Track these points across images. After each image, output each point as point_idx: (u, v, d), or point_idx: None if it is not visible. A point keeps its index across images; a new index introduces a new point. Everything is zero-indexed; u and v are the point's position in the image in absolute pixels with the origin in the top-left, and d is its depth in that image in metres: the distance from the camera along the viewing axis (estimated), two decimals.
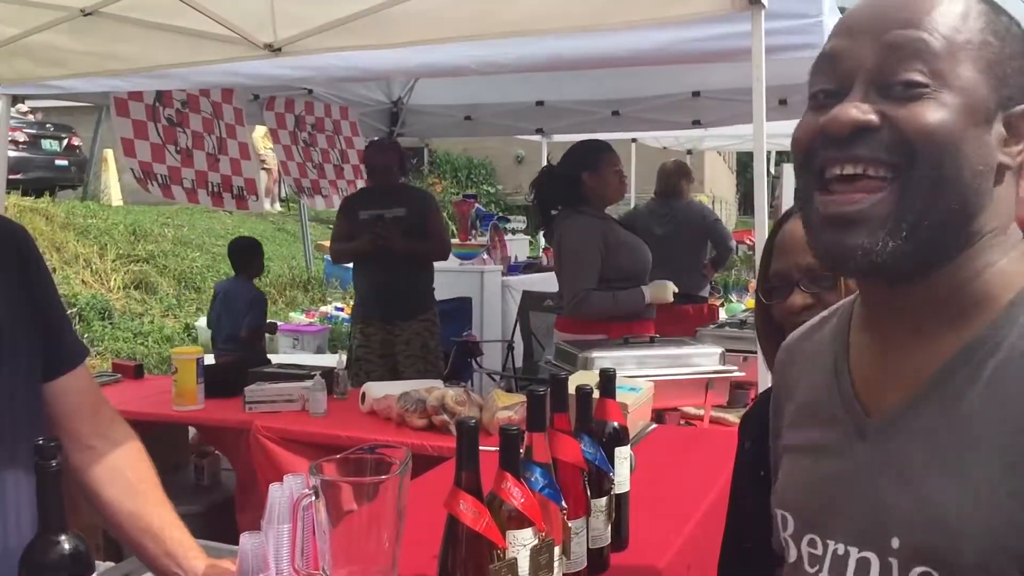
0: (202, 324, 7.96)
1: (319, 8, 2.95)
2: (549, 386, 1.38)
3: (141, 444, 1.46)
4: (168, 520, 1.37)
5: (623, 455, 1.57)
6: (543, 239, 6.74)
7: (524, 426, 1.26)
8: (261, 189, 5.61)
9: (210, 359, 4.46)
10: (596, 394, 1.54)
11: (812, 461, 0.93)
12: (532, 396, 1.28)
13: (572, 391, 1.45)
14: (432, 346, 4.43)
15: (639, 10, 2.67)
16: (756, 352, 2.90)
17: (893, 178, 0.79)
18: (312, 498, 1.15)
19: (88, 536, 1.04)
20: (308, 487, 1.17)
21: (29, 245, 1.38)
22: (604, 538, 1.49)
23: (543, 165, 4.87)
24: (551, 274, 4.19)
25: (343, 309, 8.21)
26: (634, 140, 7.70)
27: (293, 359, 5.43)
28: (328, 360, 5.84)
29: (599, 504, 1.46)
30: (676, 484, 2.04)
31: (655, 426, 2.55)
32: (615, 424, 1.56)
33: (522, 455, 1.22)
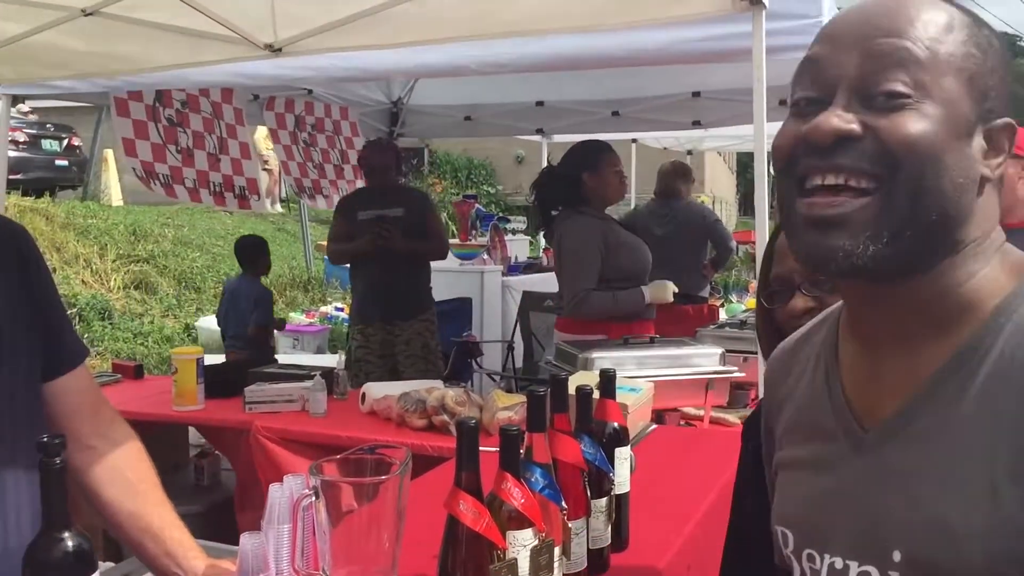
0: (202, 324, 7.98)
1: (319, 9, 2.95)
2: (549, 386, 1.38)
3: (141, 444, 1.46)
4: (168, 520, 1.37)
5: (623, 455, 1.57)
6: (543, 239, 6.74)
7: (524, 426, 1.26)
8: (263, 189, 5.61)
9: (221, 357, 4.49)
10: (596, 394, 1.54)
11: (808, 475, 0.92)
12: (532, 396, 1.28)
13: (572, 391, 1.45)
14: (432, 346, 4.44)
15: (640, 10, 2.67)
16: (756, 353, 2.92)
17: (876, 188, 0.79)
18: (312, 498, 1.15)
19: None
20: (308, 487, 1.17)
21: (29, 245, 1.38)
22: (604, 538, 1.49)
23: (543, 165, 4.88)
24: (551, 274, 4.19)
25: (343, 309, 8.20)
26: (634, 140, 7.70)
27: (293, 359, 5.43)
28: (328, 360, 5.85)
29: (599, 504, 1.46)
30: (676, 485, 2.04)
31: (655, 427, 2.55)
32: (615, 424, 1.56)
33: (522, 455, 1.22)
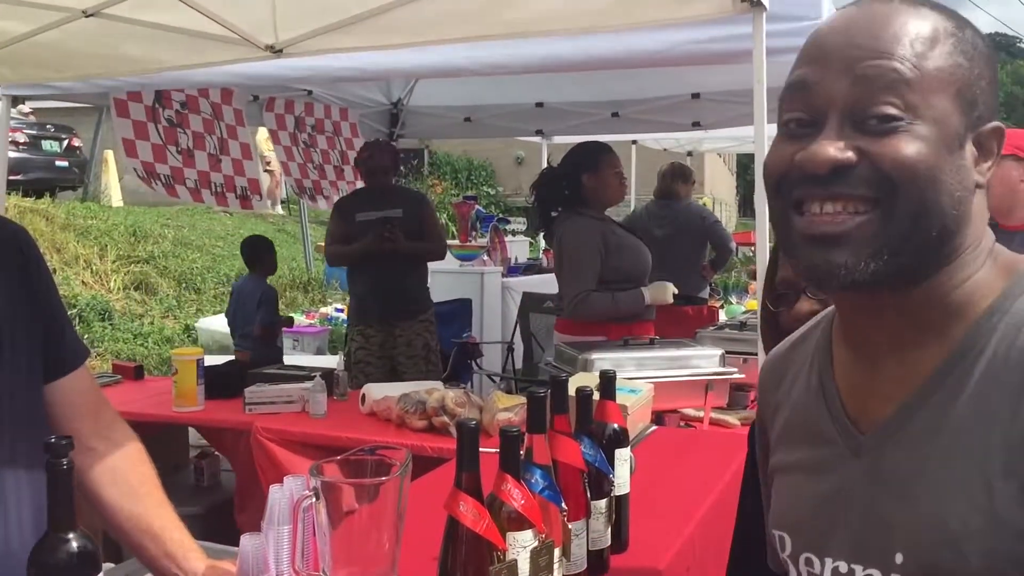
0: (202, 325, 7.98)
1: (320, 10, 2.95)
2: (549, 388, 1.38)
3: (142, 445, 1.46)
4: (168, 521, 1.37)
5: (623, 457, 1.57)
6: (543, 240, 6.74)
7: (524, 428, 1.26)
8: (264, 189, 5.61)
9: (230, 358, 4.49)
10: (596, 396, 1.54)
11: (805, 480, 0.93)
12: (532, 398, 1.28)
13: (572, 393, 1.45)
14: (432, 346, 4.44)
15: (640, 12, 2.67)
16: (756, 354, 2.92)
17: (874, 206, 0.80)
18: (312, 499, 1.15)
19: None
20: (308, 488, 1.17)
21: (30, 245, 1.38)
22: (604, 540, 1.49)
23: (543, 167, 4.88)
24: (551, 276, 4.19)
25: (343, 310, 8.20)
26: (634, 142, 7.70)
27: (293, 360, 5.44)
28: (328, 361, 5.85)
29: (599, 506, 1.46)
30: (676, 486, 2.04)
31: (655, 428, 2.55)
32: (615, 426, 1.56)
33: (522, 457, 1.22)
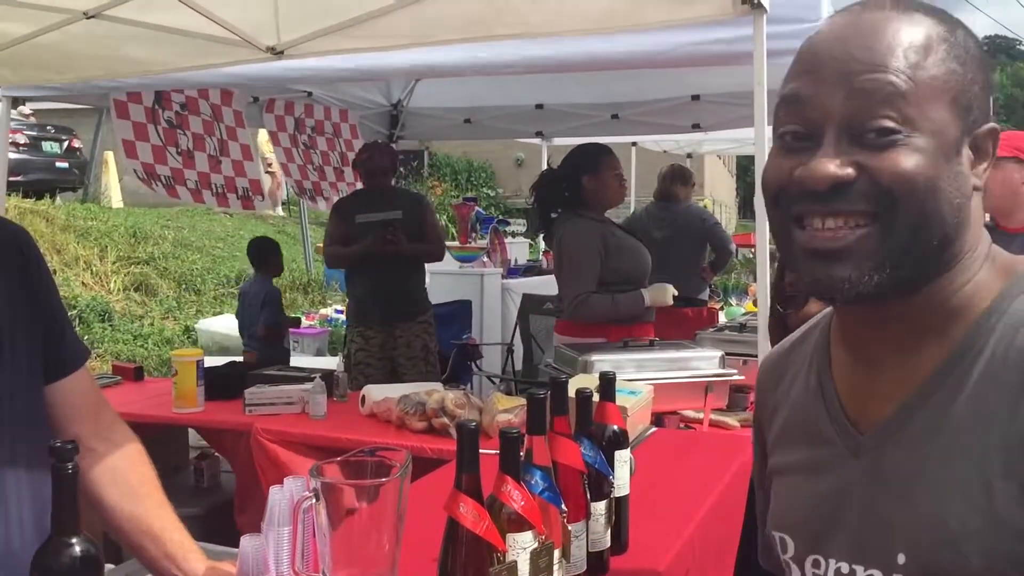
0: (202, 326, 7.99)
1: (323, 12, 2.95)
2: (549, 389, 1.38)
3: (142, 446, 1.46)
4: (168, 522, 1.37)
5: (623, 458, 1.57)
6: (543, 242, 6.74)
7: (524, 429, 1.26)
8: (266, 190, 5.62)
9: (230, 359, 4.49)
10: (596, 397, 1.54)
11: (805, 480, 0.93)
12: (532, 399, 1.28)
13: (572, 394, 1.45)
14: (431, 348, 4.44)
15: (642, 14, 2.68)
16: (756, 356, 2.92)
17: (874, 219, 0.80)
18: (312, 501, 1.15)
19: None
20: (308, 489, 1.17)
21: (30, 246, 1.38)
22: (604, 541, 1.49)
23: (543, 168, 4.88)
24: (551, 277, 4.19)
25: (343, 312, 8.20)
26: (634, 144, 7.71)
27: (293, 361, 5.44)
28: (328, 362, 5.85)
29: (599, 507, 1.45)
30: (675, 487, 2.04)
31: (655, 429, 2.54)
32: (615, 427, 1.56)
33: (522, 458, 1.22)
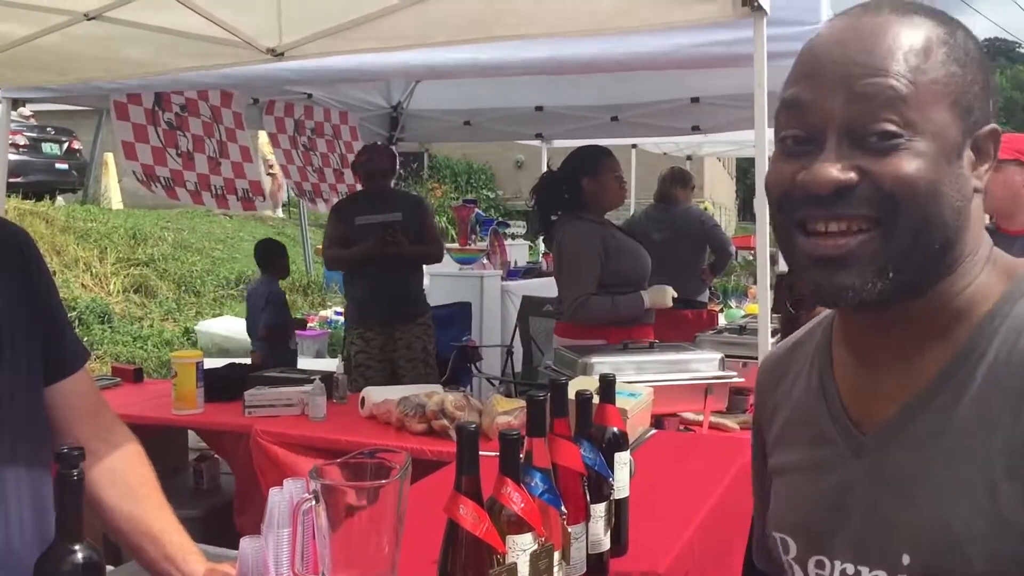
0: (201, 328, 7.99)
1: (324, 14, 2.95)
2: (549, 391, 1.38)
3: (141, 447, 1.46)
4: (168, 524, 1.37)
5: (622, 460, 1.57)
6: (542, 244, 6.74)
7: (524, 431, 1.26)
8: (267, 191, 5.62)
9: (230, 360, 4.49)
10: (596, 399, 1.54)
11: (806, 480, 0.93)
12: (532, 401, 1.28)
13: (572, 396, 1.45)
14: (431, 349, 4.44)
15: (641, 15, 2.68)
16: (756, 358, 2.92)
17: (876, 224, 0.80)
18: (312, 502, 1.15)
19: None
20: (308, 491, 1.17)
21: (30, 247, 1.37)
22: (603, 543, 1.48)
23: (543, 170, 4.88)
24: (551, 279, 4.18)
25: (343, 313, 8.20)
26: (634, 146, 7.71)
27: None
28: (327, 364, 5.85)
29: (598, 509, 1.45)
30: (675, 489, 2.04)
31: (654, 431, 2.54)
32: (615, 429, 1.56)
33: (522, 460, 1.22)
